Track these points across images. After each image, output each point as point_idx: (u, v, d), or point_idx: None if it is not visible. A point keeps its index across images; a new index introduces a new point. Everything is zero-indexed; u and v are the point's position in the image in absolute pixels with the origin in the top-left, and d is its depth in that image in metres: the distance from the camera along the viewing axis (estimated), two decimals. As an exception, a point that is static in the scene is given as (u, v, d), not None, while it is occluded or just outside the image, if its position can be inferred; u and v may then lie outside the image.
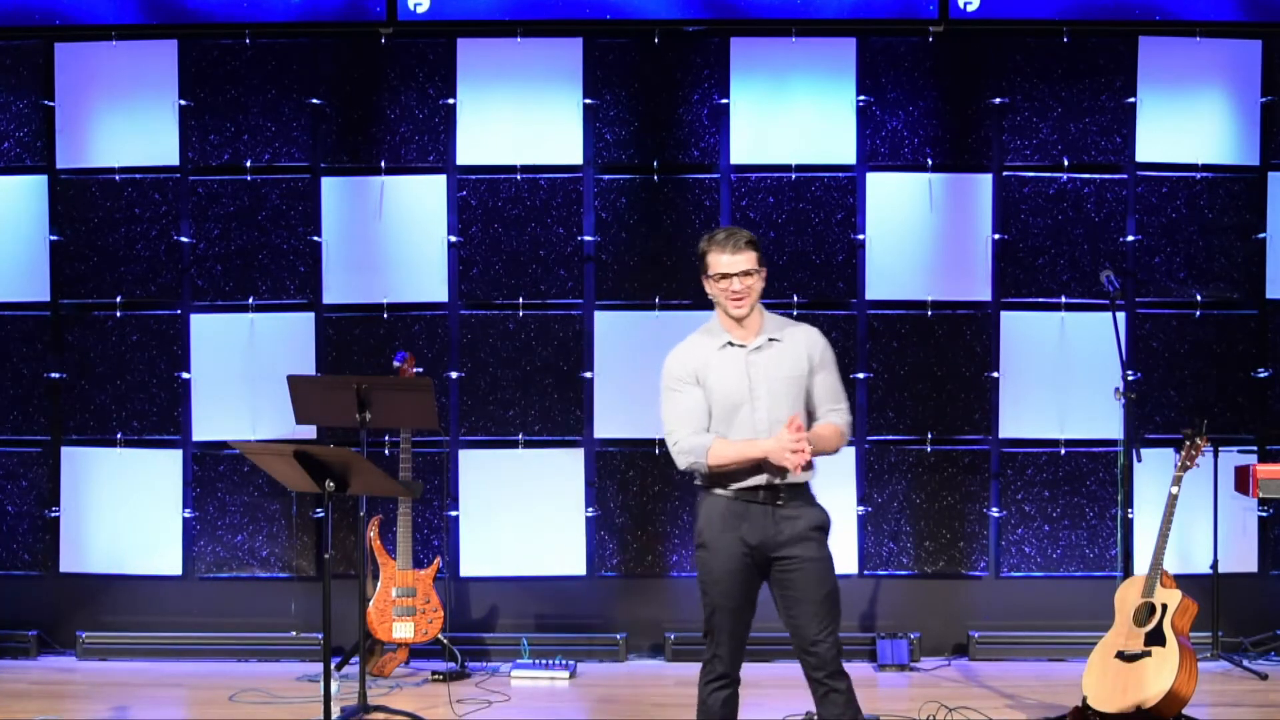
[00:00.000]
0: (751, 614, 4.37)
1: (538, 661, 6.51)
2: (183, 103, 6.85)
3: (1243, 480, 6.46)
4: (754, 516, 4.24)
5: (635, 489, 6.84)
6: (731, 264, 4.30)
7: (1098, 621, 5.78)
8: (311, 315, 6.88)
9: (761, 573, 4.30)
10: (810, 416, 4.36)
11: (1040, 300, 6.85)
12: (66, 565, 6.92)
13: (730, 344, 4.34)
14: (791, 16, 6.78)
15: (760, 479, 4.22)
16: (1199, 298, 6.83)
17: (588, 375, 6.86)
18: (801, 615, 4.25)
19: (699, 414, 4.28)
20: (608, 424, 6.85)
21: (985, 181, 6.87)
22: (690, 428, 4.27)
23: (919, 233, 6.86)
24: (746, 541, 4.26)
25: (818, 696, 4.29)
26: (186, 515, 6.89)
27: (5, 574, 6.92)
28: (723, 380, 4.29)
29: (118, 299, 6.87)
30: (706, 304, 6.77)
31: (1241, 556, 6.83)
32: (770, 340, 4.34)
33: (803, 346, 4.35)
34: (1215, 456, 6.66)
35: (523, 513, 6.81)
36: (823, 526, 4.29)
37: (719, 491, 4.27)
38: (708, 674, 4.40)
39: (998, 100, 6.83)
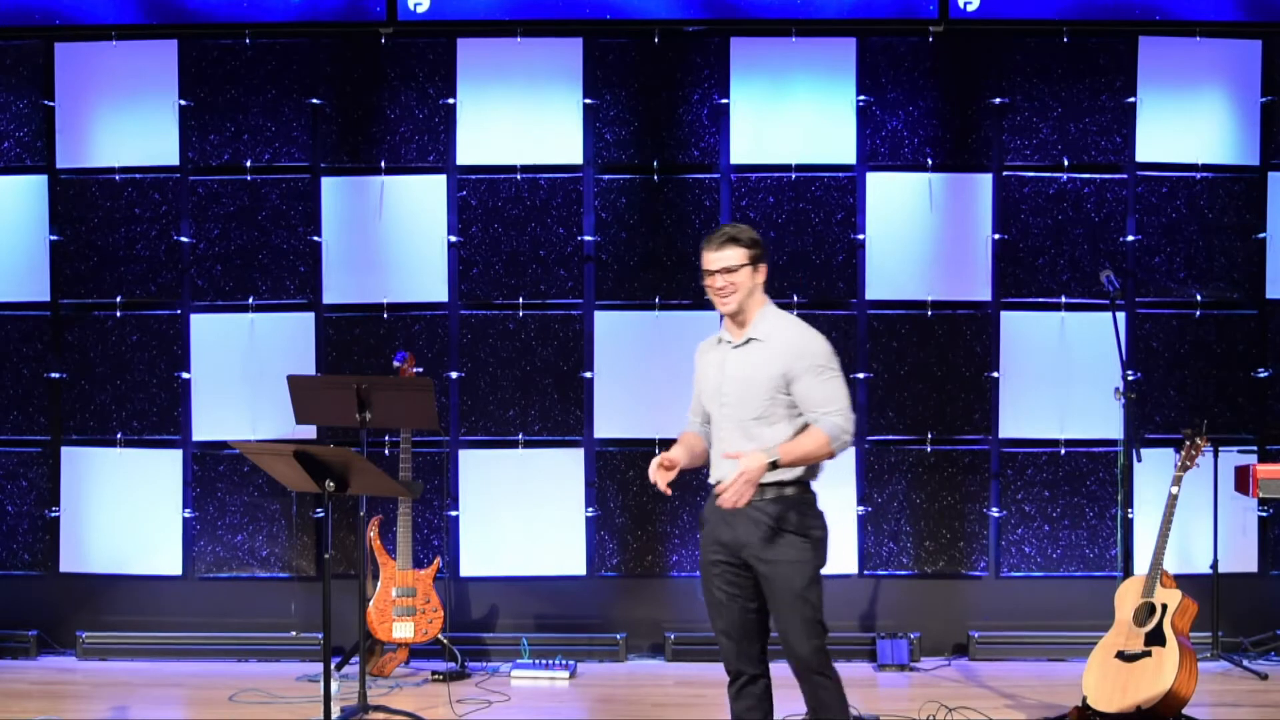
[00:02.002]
0: (741, 613, 4.32)
1: (538, 661, 6.51)
2: (183, 103, 6.85)
3: (1243, 480, 6.46)
4: (724, 514, 4.26)
5: (635, 489, 6.83)
6: (711, 261, 4.31)
7: (1098, 621, 5.78)
8: (311, 315, 6.88)
9: (747, 570, 4.29)
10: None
11: (1040, 300, 6.85)
12: (66, 565, 6.92)
13: (722, 340, 4.38)
14: (791, 16, 6.78)
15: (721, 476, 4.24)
16: (1199, 298, 6.83)
17: (588, 375, 6.86)
18: (777, 619, 4.28)
19: (696, 405, 4.49)
20: (608, 424, 6.85)
21: (985, 181, 6.87)
22: (691, 413, 4.52)
23: (919, 233, 6.86)
24: (719, 539, 4.29)
25: (803, 691, 4.32)
26: (186, 515, 6.89)
27: (5, 574, 6.92)
28: (705, 375, 4.40)
29: (118, 299, 6.87)
30: (706, 304, 6.80)
31: (1241, 556, 6.83)
32: (750, 340, 4.31)
33: (782, 352, 4.24)
34: (1215, 456, 6.66)
35: (523, 513, 6.81)
36: (791, 529, 4.24)
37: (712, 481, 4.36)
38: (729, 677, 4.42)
39: (998, 100, 6.83)
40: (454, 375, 6.85)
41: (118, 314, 6.88)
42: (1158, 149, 6.85)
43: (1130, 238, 6.84)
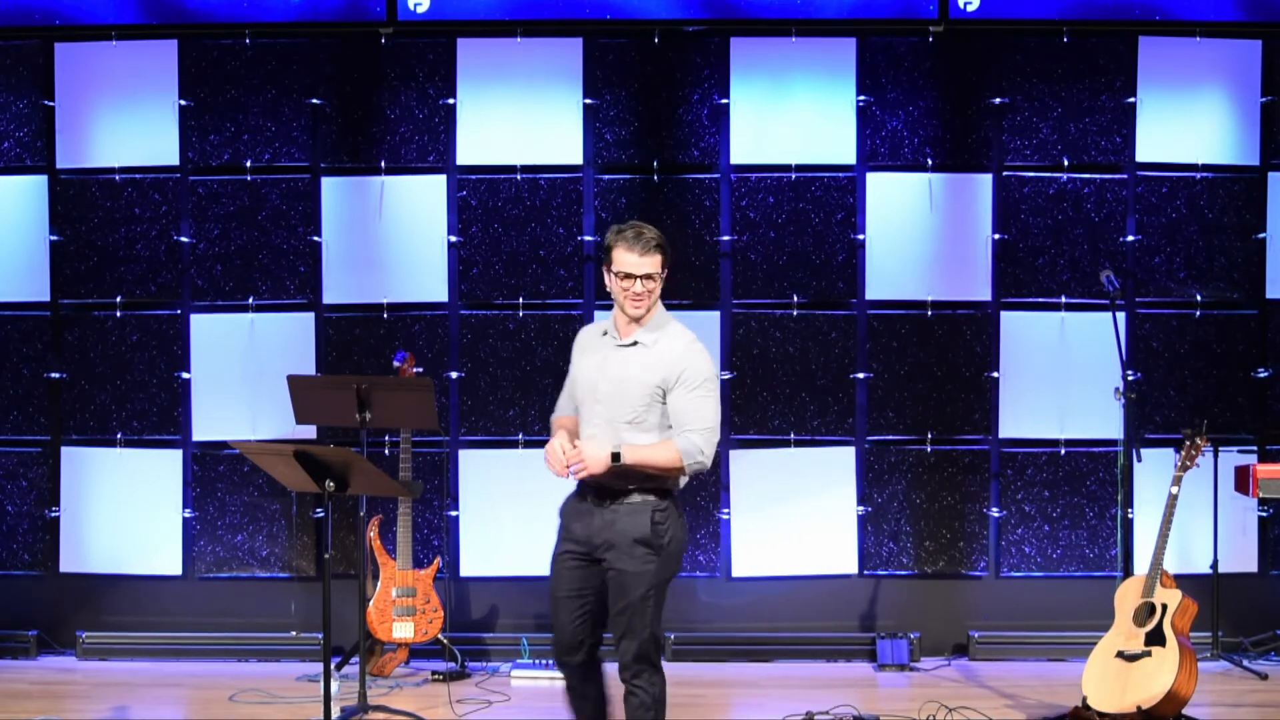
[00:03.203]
0: (581, 607, 4.32)
1: (538, 661, 6.51)
2: (183, 103, 6.85)
3: (1243, 480, 6.46)
4: (580, 511, 4.31)
5: (635, 489, 6.82)
6: (638, 265, 4.24)
7: (1098, 621, 5.78)
8: (311, 315, 6.88)
9: (595, 565, 4.31)
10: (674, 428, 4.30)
11: (1040, 300, 6.85)
12: (66, 565, 6.91)
13: (608, 334, 4.37)
14: (791, 16, 6.78)
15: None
16: (1199, 298, 6.83)
17: (588, 375, 6.85)
18: (610, 618, 4.30)
19: (570, 390, 4.44)
20: (608, 424, 6.84)
21: (985, 181, 6.87)
22: (563, 398, 4.49)
23: (919, 233, 6.86)
24: (573, 534, 4.31)
25: (623, 694, 4.33)
26: (186, 515, 6.89)
27: (5, 574, 6.92)
28: (582, 368, 4.37)
29: (118, 299, 6.87)
30: (706, 304, 6.84)
31: (1241, 556, 6.82)
32: (635, 343, 4.29)
33: (663, 364, 4.22)
34: (1215, 456, 6.66)
35: (523, 513, 6.80)
36: (643, 540, 4.21)
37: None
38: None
39: (998, 100, 6.83)
40: (454, 375, 6.85)
41: (118, 314, 6.88)
42: (1158, 149, 6.85)
43: (1130, 238, 6.84)
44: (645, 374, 4.23)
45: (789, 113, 6.84)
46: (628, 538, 4.21)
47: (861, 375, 6.84)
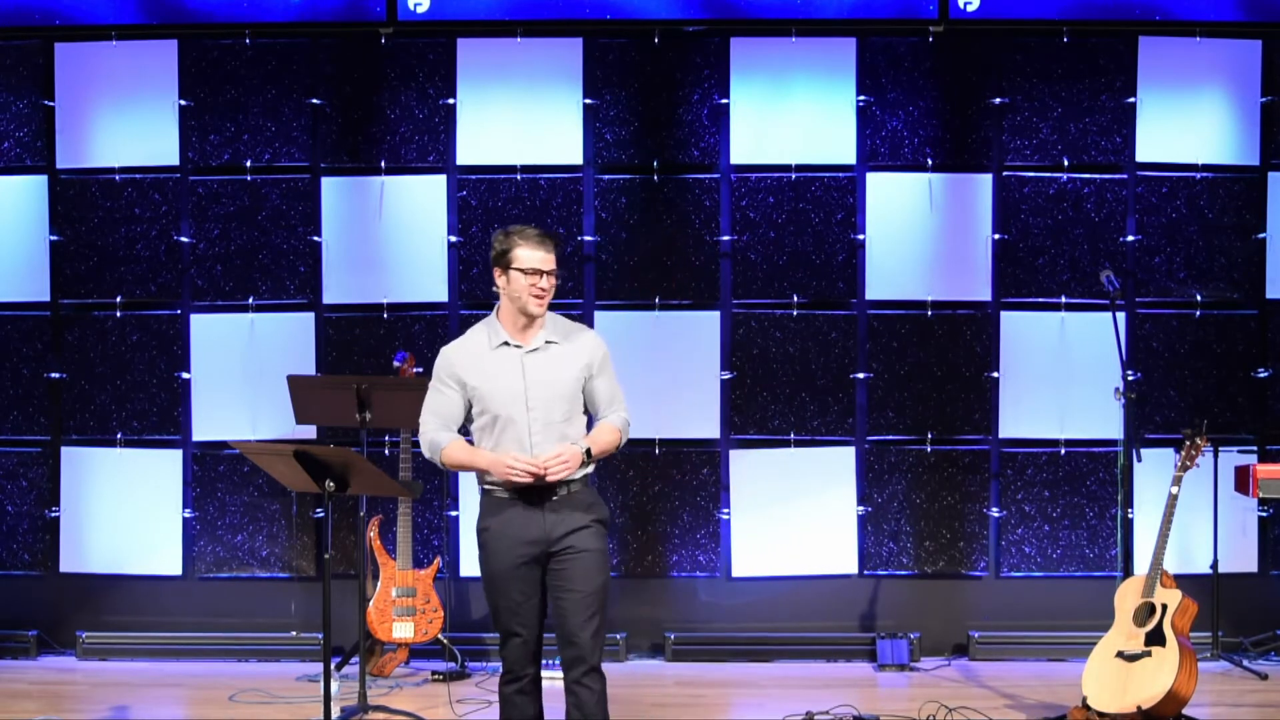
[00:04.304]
0: (537, 610, 4.35)
1: (538, 661, 6.50)
2: (183, 103, 6.85)
3: (1243, 480, 6.46)
4: (519, 516, 4.28)
5: (635, 489, 6.84)
6: (545, 261, 4.32)
7: (1098, 621, 5.78)
8: (311, 315, 6.88)
9: (541, 568, 4.32)
10: (590, 419, 4.43)
11: (1040, 300, 6.85)
12: (66, 565, 6.91)
13: (506, 344, 4.35)
14: (791, 16, 6.78)
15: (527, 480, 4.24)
16: (1199, 298, 6.83)
17: (588, 375, 6.85)
18: (569, 604, 4.28)
19: (450, 413, 4.35)
20: (608, 424, 6.84)
21: (985, 181, 6.87)
22: (437, 423, 4.36)
23: (919, 233, 6.86)
24: (526, 538, 4.28)
25: (569, 694, 4.33)
26: (186, 515, 6.89)
27: (5, 574, 6.92)
28: (494, 380, 4.31)
29: (118, 299, 6.87)
30: (706, 304, 6.84)
31: (1241, 556, 6.82)
32: (548, 343, 4.36)
33: (583, 353, 4.37)
34: (1215, 456, 6.66)
35: (523, 513, 6.80)
36: (601, 519, 4.35)
37: (496, 492, 4.31)
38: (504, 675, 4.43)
39: (998, 100, 6.83)
40: (454, 375, 6.84)
41: (118, 314, 6.88)
42: (1158, 149, 6.85)
43: (1130, 238, 6.84)
44: (571, 368, 4.35)
45: (789, 113, 6.84)
46: (587, 518, 4.31)
47: (861, 375, 6.84)
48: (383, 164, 6.85)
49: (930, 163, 6.85)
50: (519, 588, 4.31)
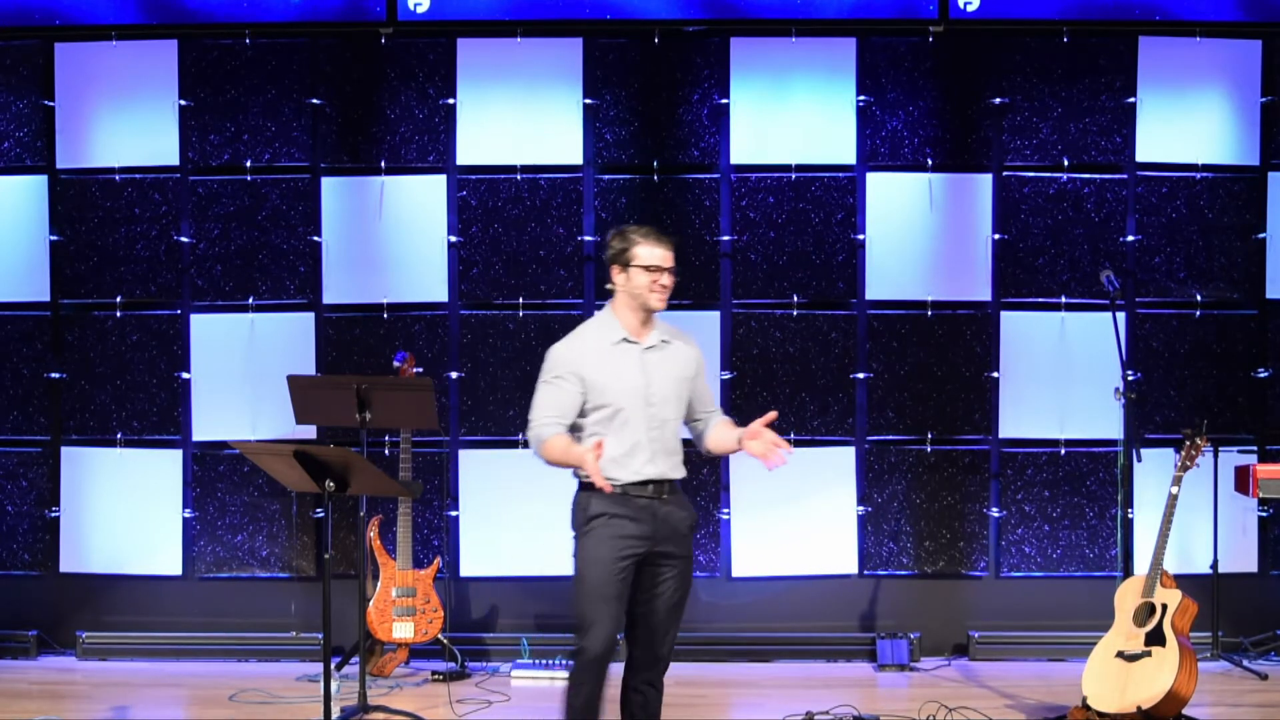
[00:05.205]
0: (624, 608, 4.35)
1: (538, 661, 6.51)
2: (183, 103, 6.85)
3: (1243, 480, 6.46)
4: (636, 508, 4.29)
5: (635, 489, 6.83)
6: (665, 259, 4.41)
7: (1098, 621, 5.78)
8: (311, 315, 6.88)
9: (640, 566, 4.31)
10: (691, 417, 4.53)
11: (1040, 300, 6.85)
12: (66, 565, 6.91)
13: (626, 340, 4.39)
14: (791, 16, 6.78)
15: (651, 473, 4.29)
16: (1199, 298, 6.83)
17: (588, 375, 6.85)
18: (663, 610, 4.34)
19: (569, 406, 4.30)
20: (608, 424, 6.84)
21: (985, 181, 6.87)
22: (551, 416, 4.29)
23: (919, 233, 6.86)
24: (640, 534, 4.28)
25: (636, 693, 4.40)
26: (186, 515, 6.89)
27: (5, 574, 6.92)
28: (617, 377, 4.33)
29: (118, 299, 6.87)
30: (706, 304, 6.84)
31: (1241, 556, 6.82)
32: (664, 342, 4.45)
33: (692, 353, 4.52)
34: (1215, 456, 6.66)
35: (522, 512, 6.81)
36: (693, 525, 4.44)
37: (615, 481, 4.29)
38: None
39: (998, 100, 6.83)
40: (454, 375, 6.85)
41: (118, 314, 6.88)
42: (1158, 149, 6.85)
43: (1130, 238, 6.84)
44: (686, 369, 4.47)
45: (789, 113, 6.84)
46: (685, 525, 4.38)
47: (861, 375, 6.84)
48: (383, 164, 6.85)
49: (930, 163, 6.85)
50: (621, 581, 4.26)
